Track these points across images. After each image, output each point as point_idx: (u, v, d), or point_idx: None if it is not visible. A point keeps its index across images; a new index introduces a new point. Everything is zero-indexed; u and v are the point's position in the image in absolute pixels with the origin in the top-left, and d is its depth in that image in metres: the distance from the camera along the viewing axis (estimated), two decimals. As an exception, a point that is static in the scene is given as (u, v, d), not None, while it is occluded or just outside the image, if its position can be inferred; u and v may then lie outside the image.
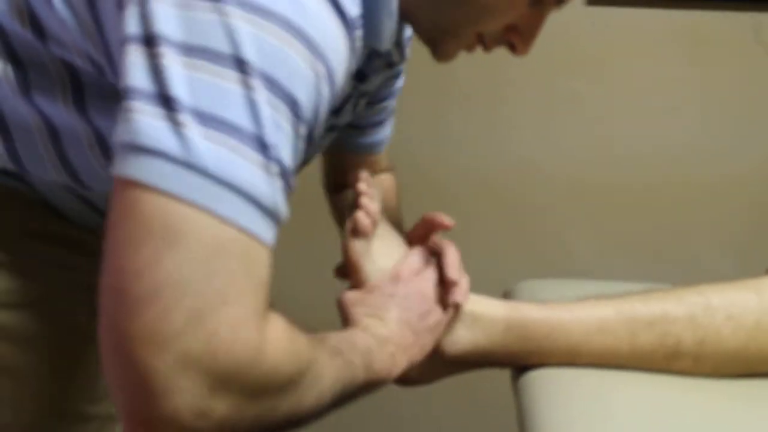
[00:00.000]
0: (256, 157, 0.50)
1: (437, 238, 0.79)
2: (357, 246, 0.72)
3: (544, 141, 1.55)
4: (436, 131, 1.53)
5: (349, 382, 0.60)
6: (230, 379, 0.48)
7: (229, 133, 0.49)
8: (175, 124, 0.48)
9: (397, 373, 0.69)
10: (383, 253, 0.74)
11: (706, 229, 1.56)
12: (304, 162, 0.74)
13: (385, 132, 0.96)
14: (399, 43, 0.78)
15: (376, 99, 0.88)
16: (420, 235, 0.80)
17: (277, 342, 0.51)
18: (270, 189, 0.51)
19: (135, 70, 0.50)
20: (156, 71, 0.50)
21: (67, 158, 0.70)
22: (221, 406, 0.48)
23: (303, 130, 0.55)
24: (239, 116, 0.50)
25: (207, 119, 0.49)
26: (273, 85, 0.51)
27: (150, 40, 0.51)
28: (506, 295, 0.94)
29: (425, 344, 0.71)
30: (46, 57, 0.66)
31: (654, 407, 0.70)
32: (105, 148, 0.69)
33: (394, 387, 0.76)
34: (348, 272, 0.74)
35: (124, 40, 0.53)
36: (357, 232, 0.72)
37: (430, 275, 0.75)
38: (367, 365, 0.64)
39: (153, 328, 0.46)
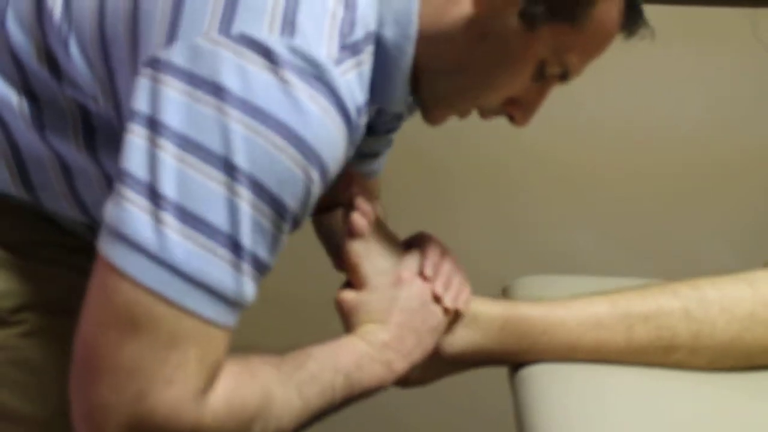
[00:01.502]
0: (227, 255, 0.55)
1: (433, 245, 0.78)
2: (356, 247, 0.72)
3: (543, 134, 1.55)
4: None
5: (325, 405, 0.64)
6: None
7: (206, 232, 0.54)
8: (157, 221, 0.53)
9: (394, 379, 0.70)
10: (382, 254, 0.74)
11: (706, 225, 1.57)
12: None
13: (381, 161, 0.95)
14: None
15: (382, 131, 0.87)
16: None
17: (218, 409, 0.57)
18: (236, 284, 0.56)
19: (134, 155, 0.55)
20: (152, 162, 0.54)
21: (78, 193, 0.72)
22: None
23: (287, 227, 0.58)
24: (218, 218, 0.54)
25: (188, 217, 0.54)
26: (260, 189, 0.55)
27: (154, 126, 0.55)
28: (505, 290, 0.95)
29: (427, 346, 0.72)
30: (60, 96, 0.68)
31: (651, 402, 0.71)
32: None
33: (389, 389, 0.77)
34: (347, 274, 0.74)
35: (131, 112, 0.56)
36: (354, 233, 0.72)
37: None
38: (352, 383, 0.66)
39: (105, 399, 0.54)
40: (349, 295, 0.72)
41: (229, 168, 0.54)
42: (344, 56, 0.58)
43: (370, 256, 0.73)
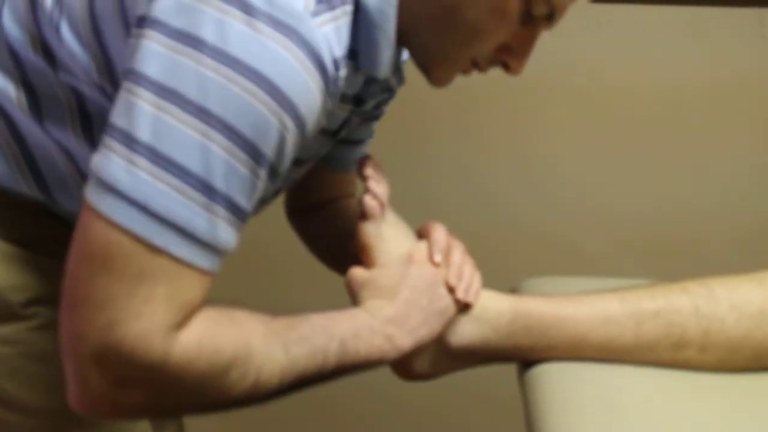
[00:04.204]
0: (199, 197, 0.57)
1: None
2: (368, 229, 0.74)
3: (546, 140, 1.56)
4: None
5: (315, 368, 0.65)
6: (133, 378, 0.58)
7: (177, 174, 0.56)
8: (130, 163, 0.56)
9: (398, 354, 0.70)
10: (394, 239, 0.75)
11: (714, 226, 1.56)
12: (277, 191, 0.81)
13: (364, 150, 0.97)
14: (397, 68, 0.79)
15: (371, 116, 0.90)
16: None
17: (188, 348, 0.58)
18: (208, 225, 0.58)
19: (117, 106, 0.58)
20: (130, 110, 0.57)
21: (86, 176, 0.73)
22: (130, 397, 0.59)
23: (263, 173, 0.60)
24: (190, 161, 0.56)
25: (159, 159, 0.56)
26: (234, 134, 0.57)
27: (134, 77, 0.57)
28: (513, 291, 0.95)
29: (434, 327, 0.72)
30: (56, 84, 0.70)
31: (661, 401, 0.71)
32: None
33: (400, 381, 0.77)
34: (359, 255, 0.75)
35: (123, 72, 0.59)
36: (365, 215, 0.74)
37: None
38: (347, 350, 0.66)
39: (79, 327, 0.58)
40: (359, 272, 0.74)
41: (203, 113, 0.56)
42: (321, 9, 0.60)
43: (382, 238, 0.74)
